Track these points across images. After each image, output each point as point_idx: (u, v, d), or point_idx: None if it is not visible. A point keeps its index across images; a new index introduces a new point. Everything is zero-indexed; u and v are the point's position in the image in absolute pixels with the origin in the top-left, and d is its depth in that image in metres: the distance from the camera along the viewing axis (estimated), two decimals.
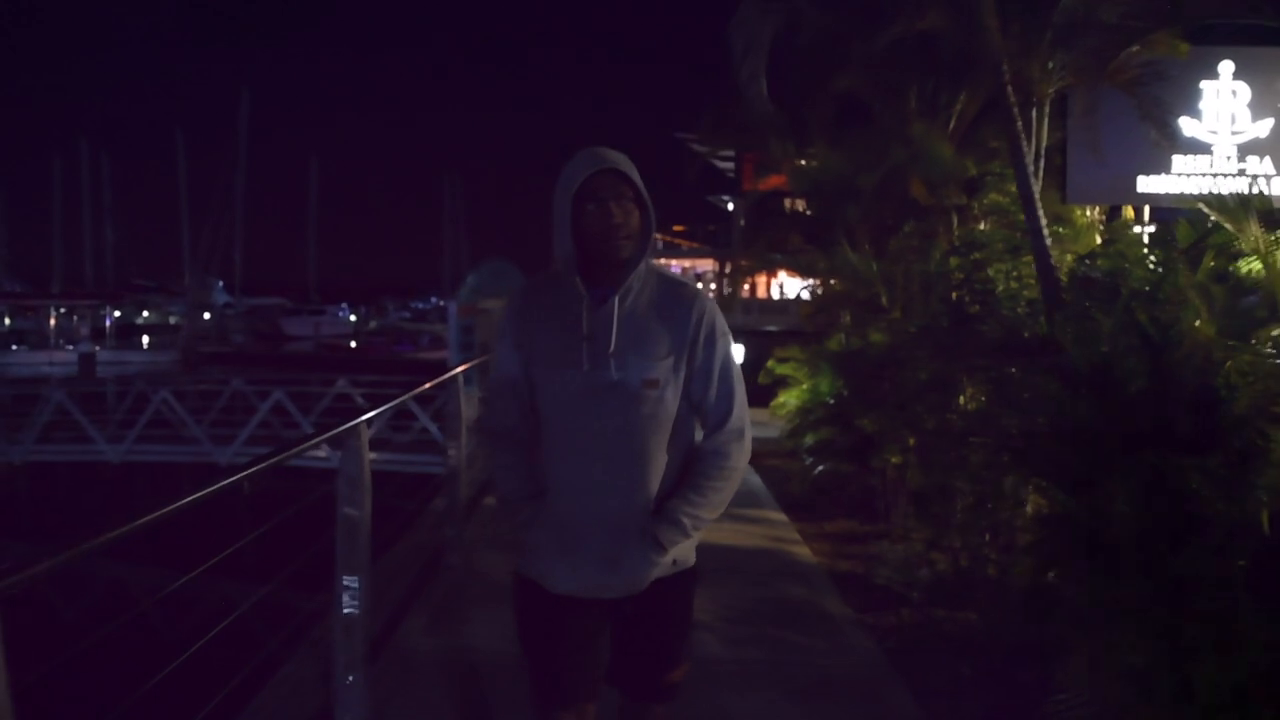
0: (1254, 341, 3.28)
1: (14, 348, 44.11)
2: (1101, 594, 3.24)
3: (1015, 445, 3.85)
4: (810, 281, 10.50)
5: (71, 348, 43.05)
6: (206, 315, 56.22)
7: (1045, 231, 4.60)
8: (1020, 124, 4.77)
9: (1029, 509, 4.41)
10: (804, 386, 8.98)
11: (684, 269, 55.14)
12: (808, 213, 9.21)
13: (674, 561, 2.14)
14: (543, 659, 2.18)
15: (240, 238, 62.91)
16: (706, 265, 45.94)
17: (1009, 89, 4.76)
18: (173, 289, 61.13)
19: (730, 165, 29.54)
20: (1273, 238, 3.38)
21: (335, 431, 3.39)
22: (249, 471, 2.69)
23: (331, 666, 3.36)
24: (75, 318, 49.12)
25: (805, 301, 10.58)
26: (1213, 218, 3.57)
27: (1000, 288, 5.37)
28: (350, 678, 3.33)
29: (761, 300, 34.07)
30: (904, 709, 3.91)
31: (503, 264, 13.73)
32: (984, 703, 3.94)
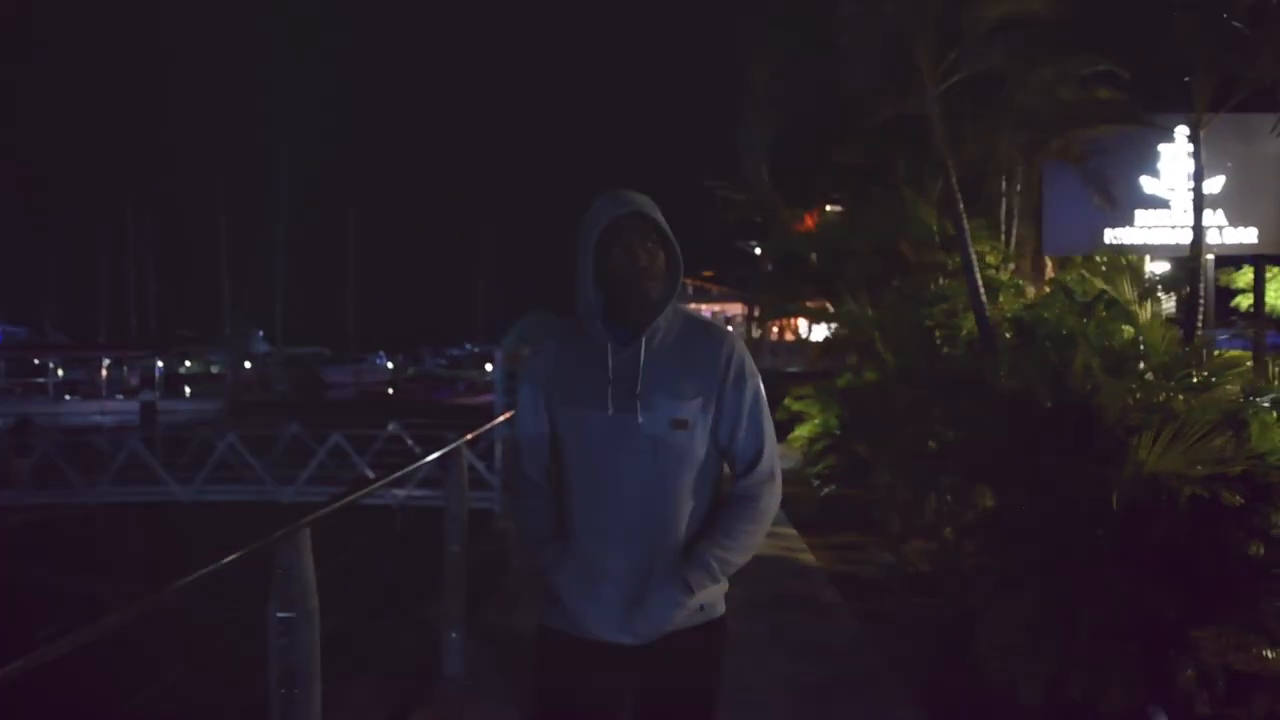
0: (1122, 374, 4.41)
1: (67, 398, 45.60)
2: (1010, 560, 4.36)
3: (954, 453, 4.99)
4: (832, 326, 11.70)
5: (121, 397, 44.66)
6: (248, 364, 57.64)
7: (981, 290, 5.74)
8: (962, 205, 5.91)
9: (980, 508, 5.52)
10: (815, 421, 10.15)
11: (714, 313, 56.34)
12: (813, 269, 10.41)
13: (701, 607, 2.09)
14: (561, 711, 2.14)
15: (283, 288, 65.19)
16: (736, 309, 46.75)
17: (952, 179, 5.93)
18: (213, 339, 62.75)
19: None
20: (1136, 294, 4.53)
21: (443, 451, 4.59)
22: (360, 493, 3.61)
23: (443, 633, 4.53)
24: (125, 368, 50.94)
25: (814, 344, 11.77)
26: (1097, 282, 4.72)
27: (964, 332, 6.51)
28: (454, 634, 4.51)
29: (789, 342, 35.20)
30: (876, 665, 5.03)
31: (545, 314, 14.94)
32: (936, 658, 5.03)
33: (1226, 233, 10.18)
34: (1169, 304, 14.77)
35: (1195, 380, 4.34)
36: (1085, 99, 5.98)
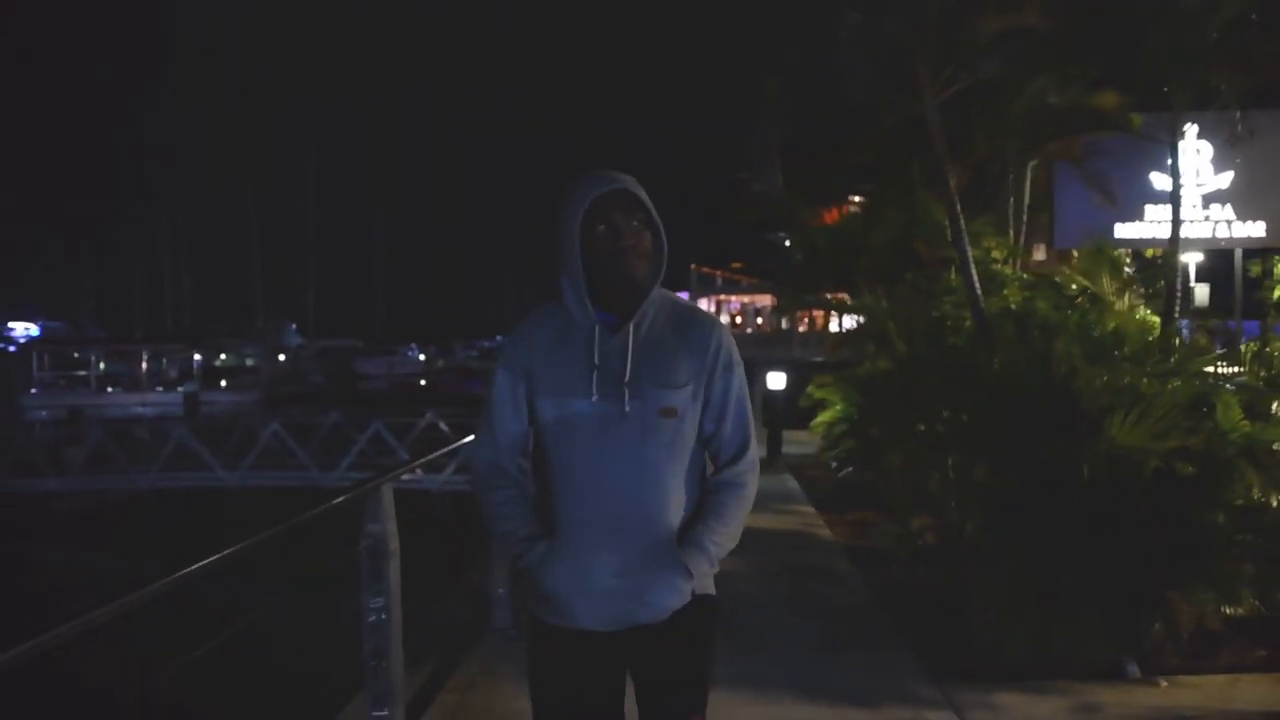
0: (1101, 360, 4.89)
1: (109, 390, 46.74)
2: (1000, 530, 4.87)
3: (955, 434, 5.49)
4: (854, 318, 12.18)
5: (161, 389, 45.82)
6: (281, 357, 58.55)
7: (977, 284, 6.21)
8: (959, 207, 6.37)
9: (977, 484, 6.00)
10: (836, 408, 10.64)
11: (743, 304, 56.62)
12: (833, 263, 10.88)
13: (691, 590, 2.08)
14: (556, 705, 2.11)
15: (314, 280, 66.32)
16: (765, 300, 46.99)
17: (950, 182, 6.40)
18: (247, 332, 63.75)
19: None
20: (1116, 288, 5.00)
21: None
22: (421, 461, 4.42)
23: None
24: (164, 361, 52.08)
25: (831, 335, 12.25)
26: (1077, 278, 5.20)
27: (967, 323, 6.98)
28: (500, 590, 5.08)
29: (817, 333, 35.62)
30: (881, 625, 5.55)
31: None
32: (935, 618, 5.53)
33: (1235, 226, 10.55)
34: (1202, 293, 14.99)
35: (1164, 366, 4.80)
36: (1077, 106, 6.39)
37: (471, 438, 3.50)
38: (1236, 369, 5.36)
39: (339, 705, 4.09)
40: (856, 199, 12.70)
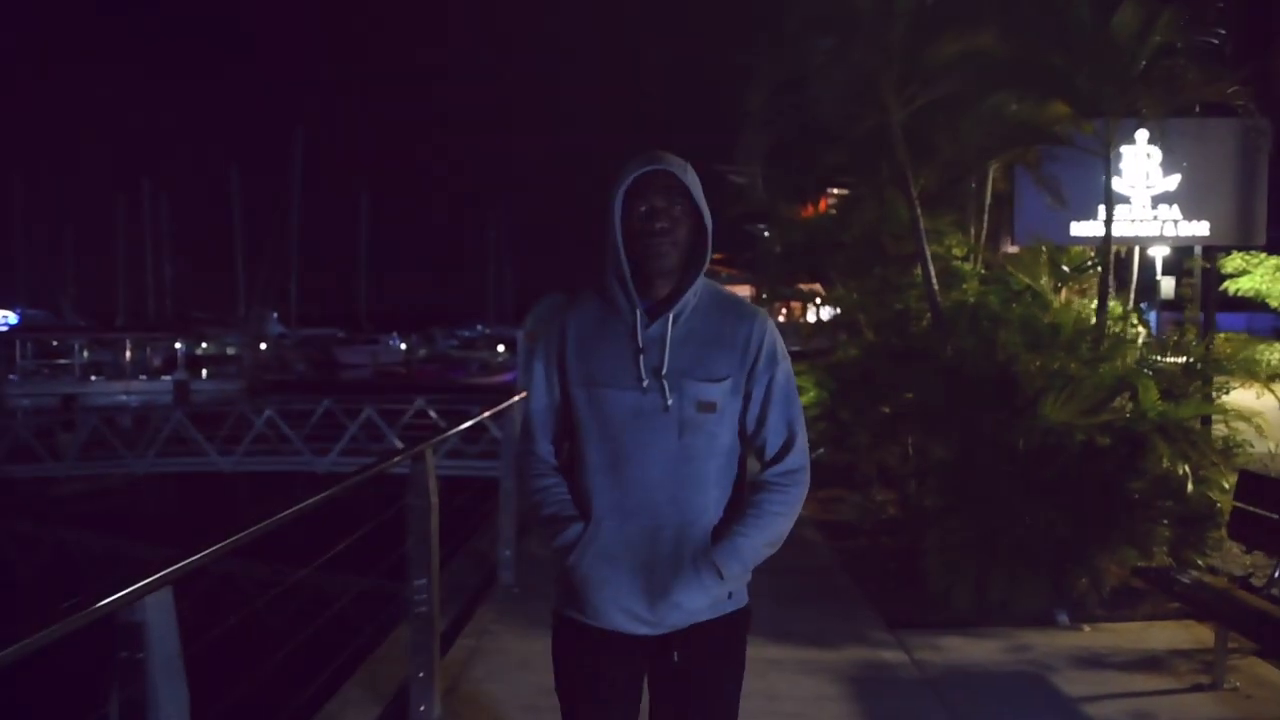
0: (1040, 348, 5.56)
1: (92, 378, 46.75)
2: (948, 497, 5.53)
3: (912, 414, 6.16)
4: (831, 308, 12.87)
5: (145, 377, 45.96)
6: (263, 346, 58.56)
7: (933, 279, 6.86)
8: (919, 210, 7.02)
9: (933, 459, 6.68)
10: (811, 393, 11.32)
11: None
12: (808, 257, 11.55)
13: (730, 595, 2.01)
14: (581, 705, 2.06)
15: (296, 270, 66.36)
16: (745, 291, 47.71)
17: (910, 188, 7.04)
18: (228, 321, 63.63)
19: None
20: (1053, 284, 5.66)
21: (501, 407, 5.78)
22: (445, 436, 5.05)
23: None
24: (148, 350, 52.13)
25: (805, 325, 12.94)
26: (1020, 276, 5.86)
27: (929, 314, 7.63)
28: (507, 551, 5.70)
29: (795, 323, 36.37)
30: (845, 582, 6.22)
31: (566, 296, 16.04)
32: (893, 577, 6.21)
33: (1181, 225, 11.26)
34: (1168, 286, 15.81)
35: (1093, 353, 5.48)
36: (1027, 120, 7.02)
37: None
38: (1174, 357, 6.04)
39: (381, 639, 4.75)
40: (836, 191, 13.34)
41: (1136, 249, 11.90)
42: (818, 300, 11.51)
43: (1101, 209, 11.21)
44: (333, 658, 4.41)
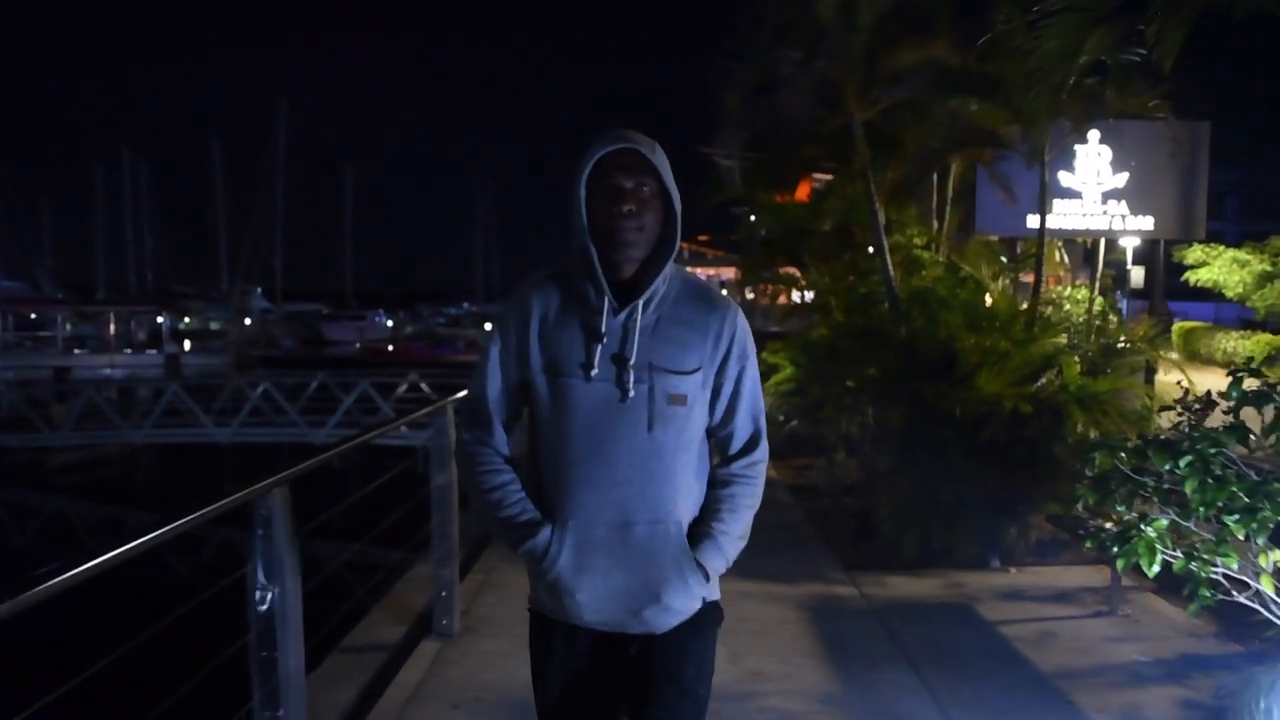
0: (980, 329, 6.35)
1: (76, 352, 46.71)
2: (898, 458, 6.33)
3: (871, 387, 6.95)
4: (807, 291, 13.65)
5: (129, 351, 46.08)
6: (247, 321, 58.53)
7: (890, 267, 7.64)
8: (878, 203, 7.78)
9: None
10: (786, 370, 12.13)
11: (709, 277, 58.17)
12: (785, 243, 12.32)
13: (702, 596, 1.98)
14: (558, 702, 2.01)
15: (280, 245, 66.26)
16: (729, 273, 48.25)
17: (870, 183, 7.80)
18: (211, 295, 63.42)
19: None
20: (992, 273, 6.44)
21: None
22: (436, 406, 5.77)
23: None
24: (132, 323, 52.11)
25: (782, 306, 13.75)
26: (965, 267, 6.64)
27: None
28: None
29: (776, 305, 37.21)
30: (810, 535, 7.02)
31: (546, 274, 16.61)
32: (852, 532, 7.01)
33: (1129, 220, 12.11)
34: (1137, 275, 16.68)
35: (1024, 334, 6.29)
36: (977, 124, 7.76)
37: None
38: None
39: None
40: (819, 175, 14.08)
41: (1102, 241, 12.79)
42: (801, 284, 12.29)
43: (1056, 203, 12.09)
44: (360, 586, 5.19)
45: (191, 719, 2.70)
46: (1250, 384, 2.92)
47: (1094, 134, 11.66)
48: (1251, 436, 2.76)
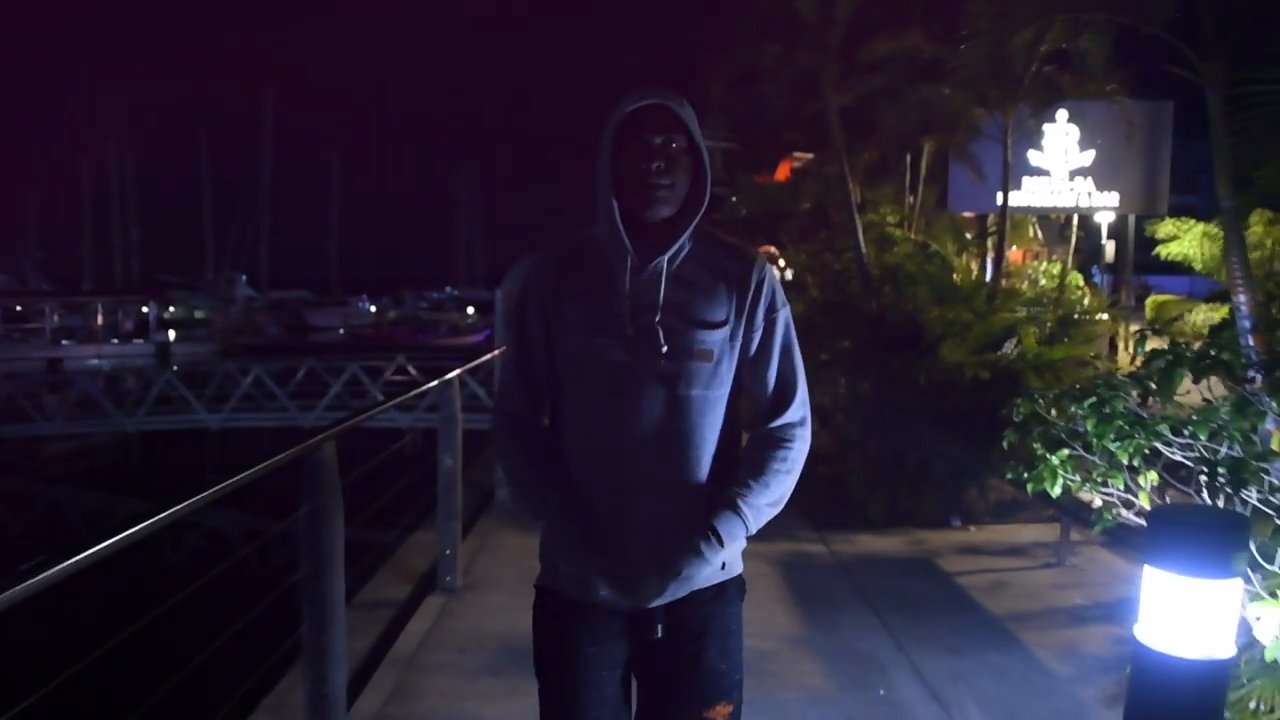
0: (945, 302, 6.75)
1: (63, 342, 46.59)
2: (867, 425, 6.74)
3: (843, 359, 7.37)
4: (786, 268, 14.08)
5: (116, 341, 46.03)
6: (233, 309, 58.43)
7: (862, 244, 8.05)
8: (852, 184, 8.17)
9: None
10: None
11: None
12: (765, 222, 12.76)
13: (723, 565, 1.87)
14: (562, 687, 1.88)
15: (266, 234, 66.17)
16: None
17: (844, 166, 8.19)
18: (197, 284, 63.29)
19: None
20: (956, 249, 6.84)
21: (476, 363, 6.87)
22: (468, 367, 6.16)
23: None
24: (119, 313, 51.94)
25: None
26: (932, 245, 7.04)
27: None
28: (500, 491, 6.83)
29: None
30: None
31: (544, 257, 16.94)
32: (824, 497, 7.43)
33: (1095, 197, 12.54)
34: (1110, 249, 17.22)
35: (985, 306, 6.70)
36: (947, 108, 8.15)
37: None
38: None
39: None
40: (799, 155, 14.47)
41: (1075, 217, 13.21)
42: (781, 263, 12.72)
43: (1026, 180, 12.52)
44: (369, 550, 5.59)
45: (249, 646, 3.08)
46: (1154, 343, 3.32)
47: (1062, 113, 12.08)
48: (1152, 385, 3.18)
